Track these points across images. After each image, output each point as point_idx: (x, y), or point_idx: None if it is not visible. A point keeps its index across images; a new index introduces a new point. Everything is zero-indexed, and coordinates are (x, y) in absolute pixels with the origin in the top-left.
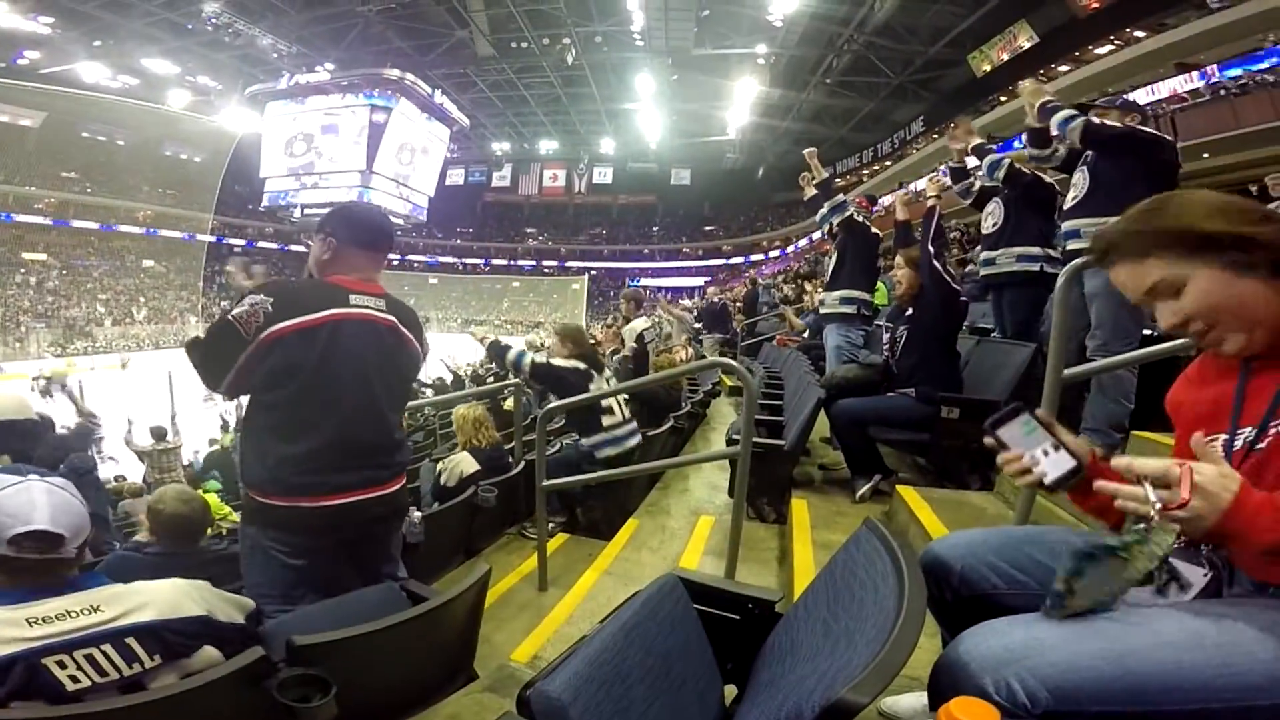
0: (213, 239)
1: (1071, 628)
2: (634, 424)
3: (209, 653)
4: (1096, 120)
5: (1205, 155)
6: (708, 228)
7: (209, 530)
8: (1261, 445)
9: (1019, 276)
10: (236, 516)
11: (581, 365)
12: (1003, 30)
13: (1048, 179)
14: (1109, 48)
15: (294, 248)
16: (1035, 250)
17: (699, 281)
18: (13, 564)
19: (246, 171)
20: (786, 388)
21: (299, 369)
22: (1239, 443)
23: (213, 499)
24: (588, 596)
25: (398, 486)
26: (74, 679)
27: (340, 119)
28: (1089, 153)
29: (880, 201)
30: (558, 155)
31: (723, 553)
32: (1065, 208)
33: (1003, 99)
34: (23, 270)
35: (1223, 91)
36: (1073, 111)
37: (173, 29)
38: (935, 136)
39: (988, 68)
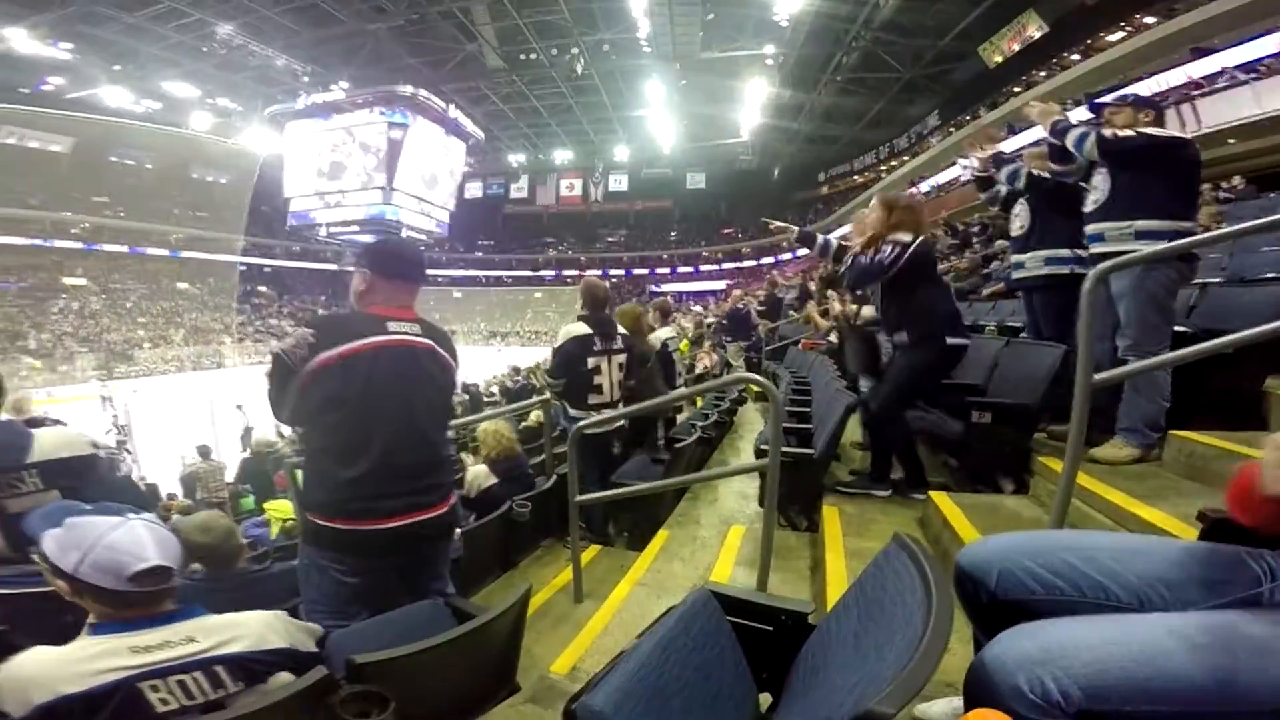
0: (243, 260)
1: (1105, 629)
2: (620, 407)
3: (284, 677)
4: (1109, 134)
5: (1231, 141)
6: (725, 230)
7: (244, 551)
8: None
9: (1049, 280)
10: (279, 510)
11: (585, 330)
12: (1011, 21)
13: (1070, 180)
14: (1120, 34)
15: (318, 265)
16: (1064, 253)
17: (720, 285)
18: (129, 598)
19: (271, 191)
20: (814, 392)
21: (346, 395)
22: None
23: (282, 505)
24: (622, 608)
25: (446, 508)
26: (164, 701)
27: (358, 137)
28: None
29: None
30: (573, 164)
31: (754, 563)
32: (1087, 210)
33: (1017, 89)
34: (64, 295)
35: (1242, 76)
36: (1085, 129)
37: (189, 52)
38: (951, 130)
39: (999, 59)
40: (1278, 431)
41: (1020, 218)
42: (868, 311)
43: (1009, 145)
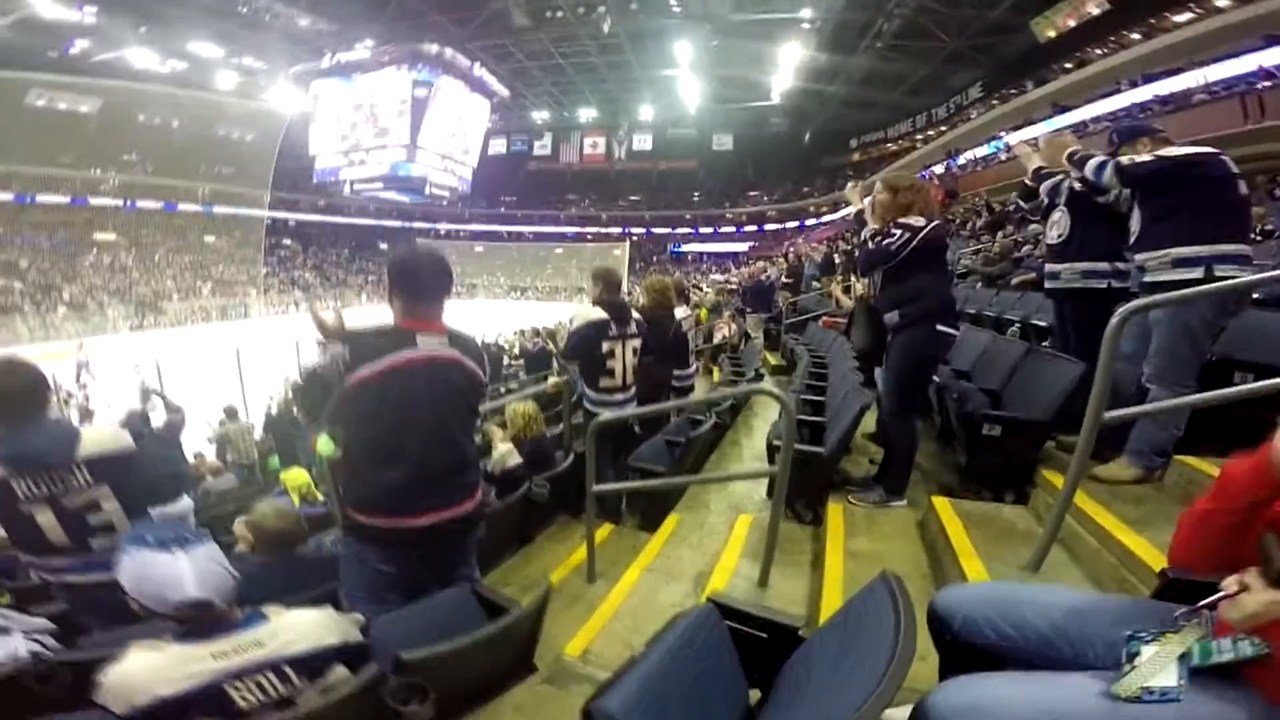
0: (270, 215)
1: (1035, 688)
2: (632, 390)
3: (339, 670)
4: (1126, 160)
5: None
6: (751, 193)
7: (305, 535)
8: None
9: (1084, 292)
10: (294, 478)
11: (602, 315)
12: None
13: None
14: (1189, 15)
15: (343, 219)
16: (1103, 266)
17: (743, 247)
18: (183, 618)
19: (296, 149)
20: (830, 379)
21: (381, 409)
22: None
23: (295, 474)
24: (631, 593)
25: (473, 504)
26: (245, 699)
27: (383, 95)
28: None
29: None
30: (597, 123)
31: (759, 555)
32: (1130, 243)
33: (1069, 65)
34: (96, 249)
35: None
36: (1102, 158)
37: (214, 12)
38: (994, 103)
39: (1052, 34)
40: None
41: (1059, 225)
42: None
43: (1051, 126)
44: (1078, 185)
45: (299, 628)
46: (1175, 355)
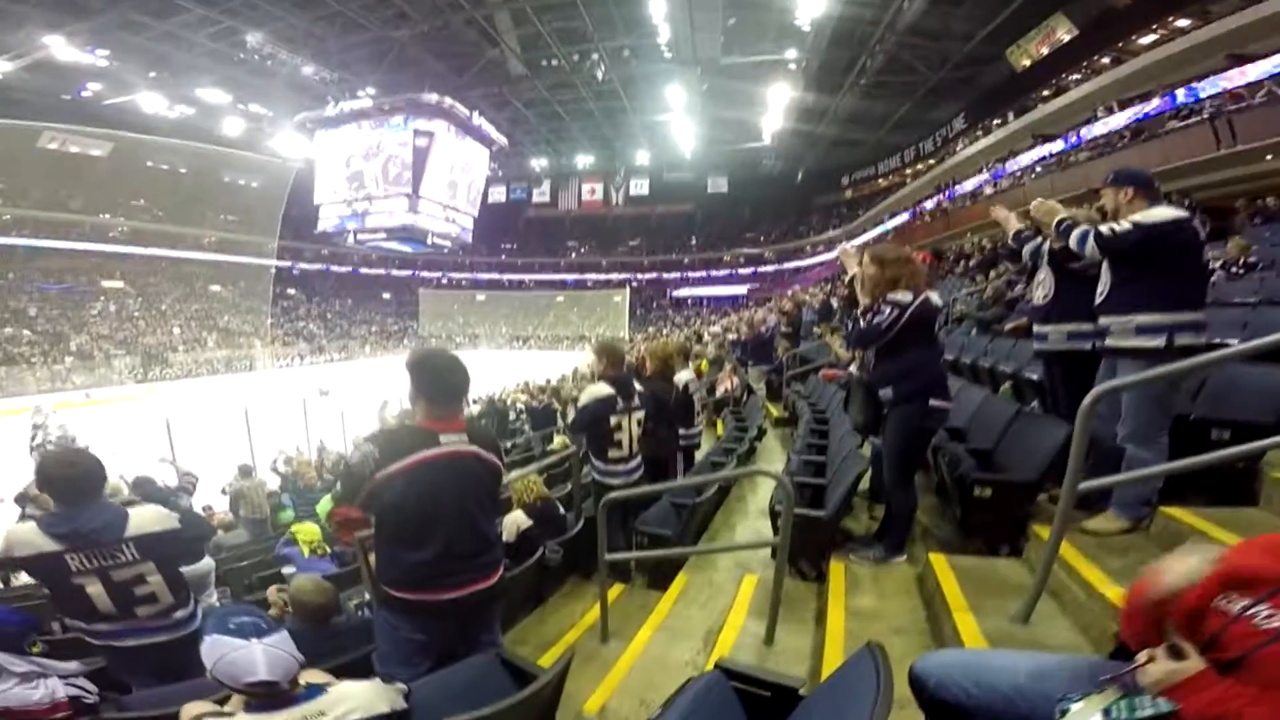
0: (276, 264)
1: None
2: (638, 459)
3: None
4: (1106, 231)
5: (1269, 158)
6: (748, 234)
7: (338, 607)
8: None
9: (1070, 354)
10: (306, 533)
11: (608, 391)
12: (1040, 24)
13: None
14: (1153, 37)
15: (346, 269)
16: (1086, 327)
17: (743, 289)
18: (254, 693)
19: (301, 196)
20: (831, 439)
21: (409, 500)
22: None
23: (307, 528)
24: (644, 651)
25: (496, 578)
26: None
27: (386, 144)
28: None
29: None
30: (594, 169)
31: (765, 613)
32: (1097, 303)
33: (1045, 93)
34: (103, 297)
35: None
36: (1085, 228)
37: (221, 59)
38: (978, 135)
39: (1027, 62)
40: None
41: (1044, 286)
42: None
43: (1033, 155)
44: (1056, 245)
45: (355, 698)
46: (1144, 417)
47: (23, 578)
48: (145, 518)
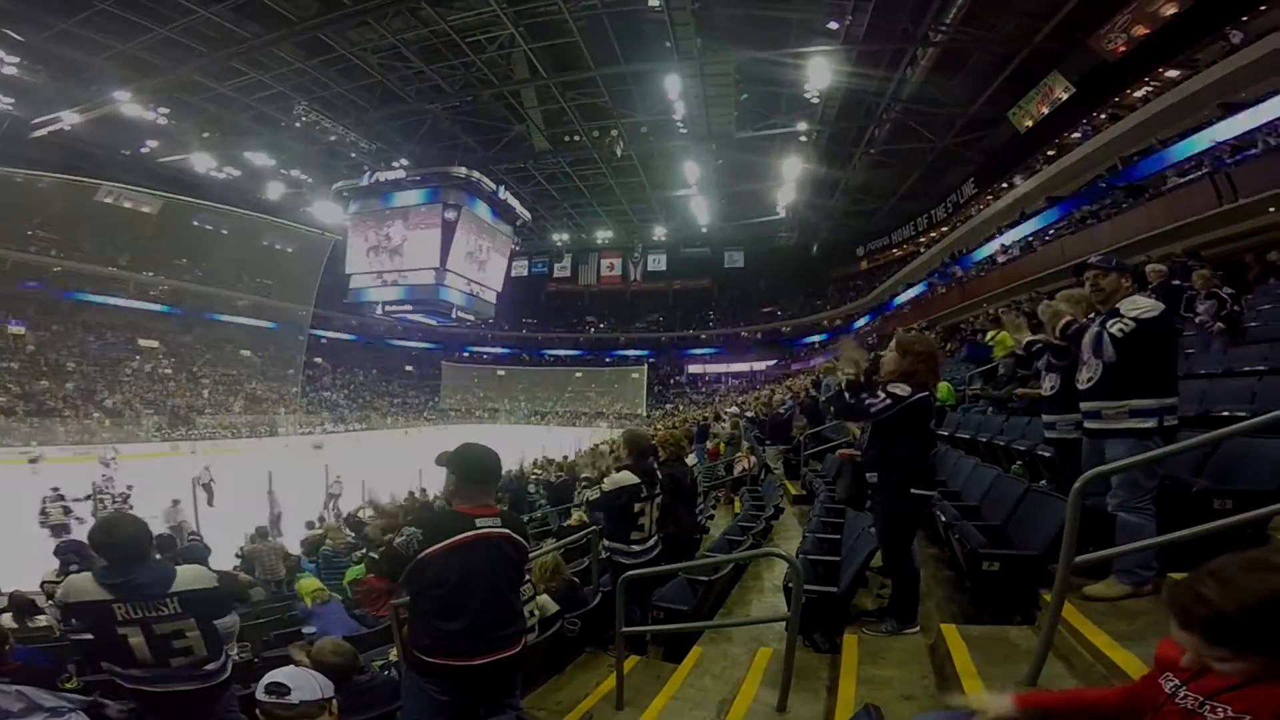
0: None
1: None
2: (655, 539)
3: None
4: (1117, 331)
5: (1271, 210)
6: (765, 309)
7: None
8: None
9: (1077, 442)
10: (307, 586)
11: (633, 480)
12: (1037, 84)
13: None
14: (1145, 90)
15: (371, 339)
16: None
17: (761, 365)
18: None
19: (332, 264)
20: (846, 515)
21: (446, 578)
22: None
23: (305, 583)
24: (658, 718)
25: (520, 647)
26: None
27: (416, 217)
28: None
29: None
30: (613, 244)
31: (778, 683)
32: (1081, 387)
33: (1050, 152)
34: (139, 356)
35: (1274, 141)
36: (1097, 330)
37: (269, 123)
38: (989, 199)
39: (1029, 123)
40: None
41: (1050, 379)
42: None
43: (1044, 221)
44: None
45: None
46: (1131, 487)
47: (39, 620)
48: (189, 575)
